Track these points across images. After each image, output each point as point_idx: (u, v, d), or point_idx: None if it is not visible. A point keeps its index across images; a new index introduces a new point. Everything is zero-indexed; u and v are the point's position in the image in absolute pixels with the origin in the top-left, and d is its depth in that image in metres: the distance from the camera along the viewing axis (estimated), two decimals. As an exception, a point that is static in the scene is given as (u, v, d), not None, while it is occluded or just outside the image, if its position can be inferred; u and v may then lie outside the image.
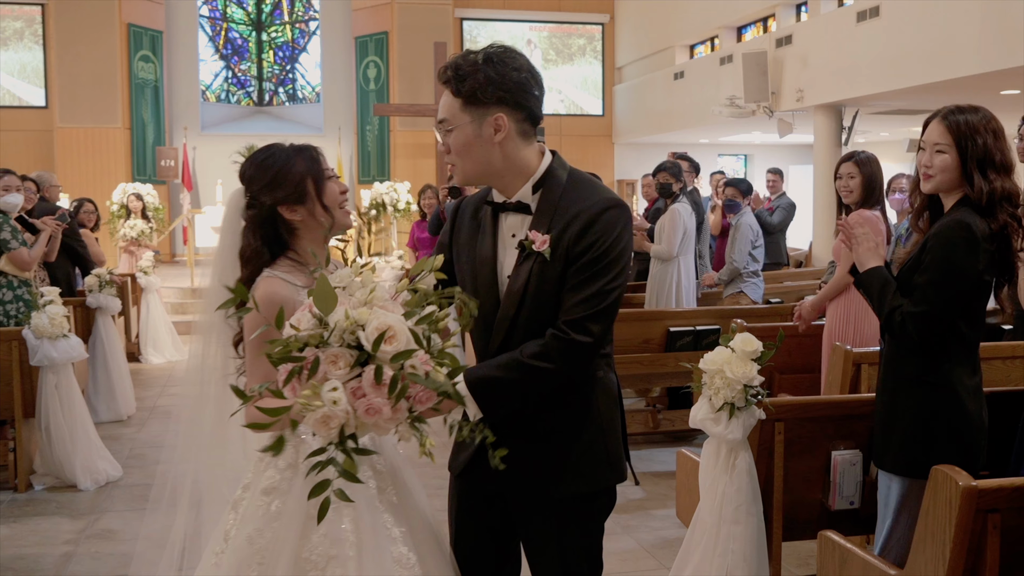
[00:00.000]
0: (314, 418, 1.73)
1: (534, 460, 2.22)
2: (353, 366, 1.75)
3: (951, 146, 2.80)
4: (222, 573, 2.12)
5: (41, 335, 5.32)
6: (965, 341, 2.84)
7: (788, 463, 3.25)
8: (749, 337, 3.15)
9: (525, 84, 2.21)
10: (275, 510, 2.09)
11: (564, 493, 2.24)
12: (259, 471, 2.15)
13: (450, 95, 2.22)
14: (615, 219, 2.19)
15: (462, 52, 2.26)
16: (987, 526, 2.29)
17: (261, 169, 2.32)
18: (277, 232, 2.30)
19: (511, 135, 2.21)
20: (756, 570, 3.13)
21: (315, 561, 2.05)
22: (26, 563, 4.36)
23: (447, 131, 2.24)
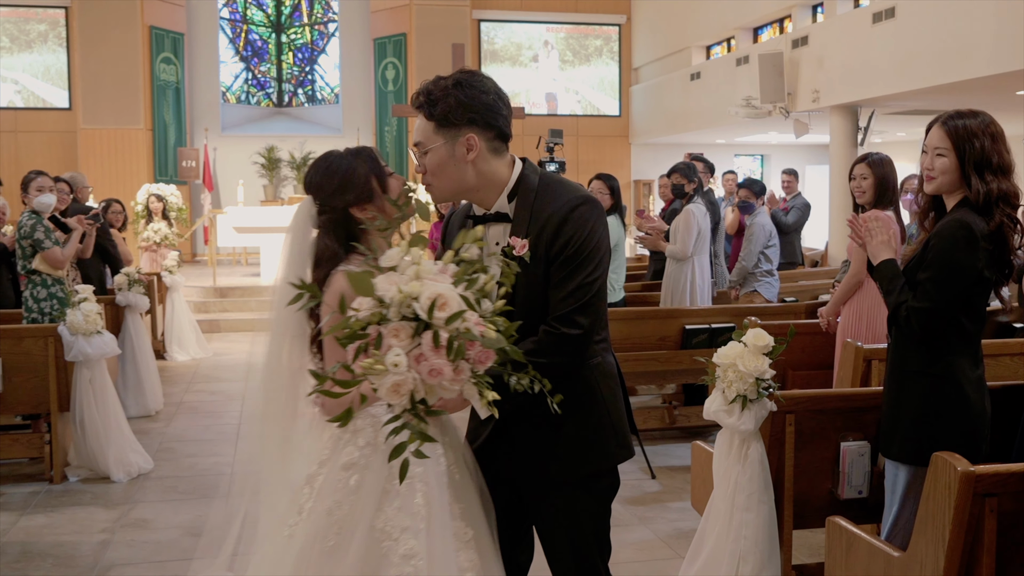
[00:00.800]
0: (385, 387, 1.89)
1: (544, 446, 2.36)
2: (413, 336, 1.90)
3: (950, 150, 2.94)
4: (297, 544, 2.24)
5: (76, 331, 5.50)
6: (967, 335, 2.97)
7: (799, 453, 3.38)
8: (761, 332, 3.28)
9: (493, 106, 2.36)
10: (354, 484, 2.23)
11: (576, 475, 2.39)
12: (338, 448, 2.28)
13: (423, 119, 2.38)
14: (586, 215, 2.33)
15: (433, 78, 2.40)
16: (984, 510, 2.42)
17: (328, 176, 2.46)
18: (350, 232, 2.44)
19: (482, 153, 2.36)
20: (767, 556, 3.27)
21: (389, 532, 2.19)
22: (65, 550, 4.54)
23: (423, 153, 2.39)
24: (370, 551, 2.19)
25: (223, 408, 7.67)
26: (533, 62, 21.18)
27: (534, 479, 2.41)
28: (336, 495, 2.23)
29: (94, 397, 5.60)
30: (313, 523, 2.23)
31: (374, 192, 2.45)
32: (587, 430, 2.39)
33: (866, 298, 4.93)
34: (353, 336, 1.92)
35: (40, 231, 6.03)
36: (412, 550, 2.19)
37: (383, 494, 2.22)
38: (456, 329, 1.91)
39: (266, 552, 2.38)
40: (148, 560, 4.41)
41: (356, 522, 2.19)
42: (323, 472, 2.28)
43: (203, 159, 19.51)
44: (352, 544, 2.19)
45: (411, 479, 2.20)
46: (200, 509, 5.13)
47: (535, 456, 2.37)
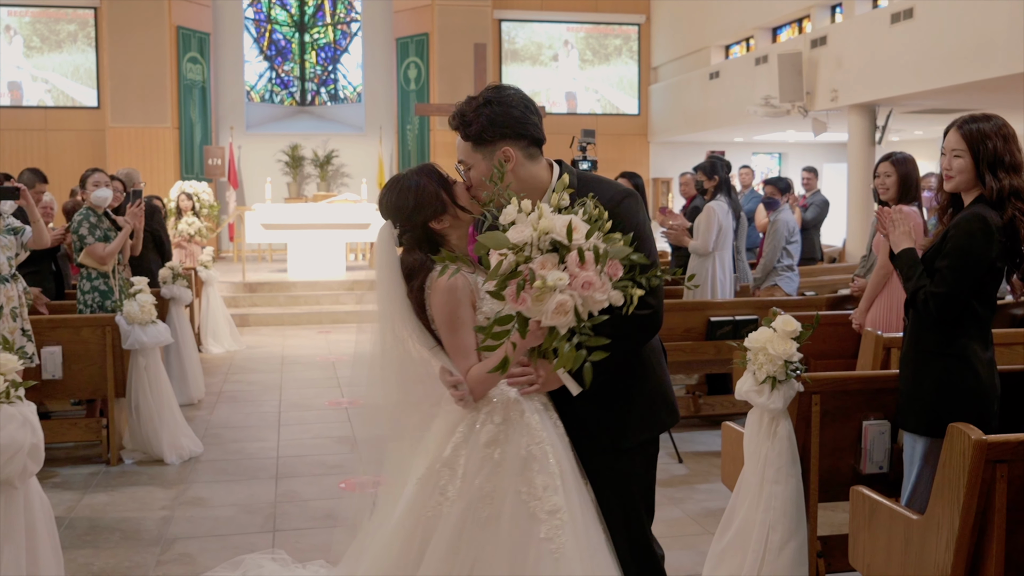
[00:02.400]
0: (550, 311, 2.16)
1: (604, 417, 2.63)
2: (558, 264, 2.19)
3: (966, 151, 3.22)
4: (451, 523, 2.47)
5: (132, 321, 5.80)
6: (979, 319, 3.24)
7: (824, 431, 3.63)
8: (789, 318, 3.54)
9: (522, 117, 2.60)
10: (498, 457, 2.48)
11: (629, 442, 2.66)
12: (474, 431, 2.52)
13: (461, 139, 2.63)
14: (632, 207, 2.59)
15: (465, 99, 2.64)
16: (996, 475, 2.67)
17: (402, 198, 2.64)
18: (432, 243, 2.65)
19: (520, 161, 2.60)
20: (795, 525, 3.52)
21: (534, 492, 2.46)
22: (130, 524, 4.83)
23: (466, 169, 2.64)
24: (519, 513, 2.44)
25: (261, 397, 7.96)
26: (553, 61, 21.42)
27: (591, 446, 2.66)
28: (484, 470, 2.47)
29: (148, 383, 5.90)
30: (465, 500, 2.47)
31: (445, 203, 2.64)
32: (642, 399, 2.65)
33: (895, 292, 5.13)
34: (508, 277, 2.18)
35: (85, 227, 6.30)
36: (555, 505, 2.46)
37: (523, 461, 2.47)
38: (594, 244, 2.20)
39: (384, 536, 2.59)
40: (208, 534, 4.69)
41: (505, 490, 2.45)
42: (463, 454, 2.50)
43: (228, 157, 19.83)
44: (504, 511, 2.44)
45: (541, 443, 2.49)
46: (252, 489, 5.41)
47: (593, 425, 2.63)
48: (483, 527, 2.46)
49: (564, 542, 2.43)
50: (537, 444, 2.50)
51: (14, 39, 19.65)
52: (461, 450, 2.52)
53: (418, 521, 2.53)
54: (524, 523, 2.44)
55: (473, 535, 2.45)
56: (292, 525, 4.82)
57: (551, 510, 2.45)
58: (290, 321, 12.80)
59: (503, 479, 2.47)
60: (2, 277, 5.16)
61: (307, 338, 11.48)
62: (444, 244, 2.65)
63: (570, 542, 2.44)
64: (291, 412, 7.37)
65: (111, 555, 4.41)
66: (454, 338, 2.52)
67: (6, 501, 3.03)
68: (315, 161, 21.03)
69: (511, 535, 2.44)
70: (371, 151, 20.91)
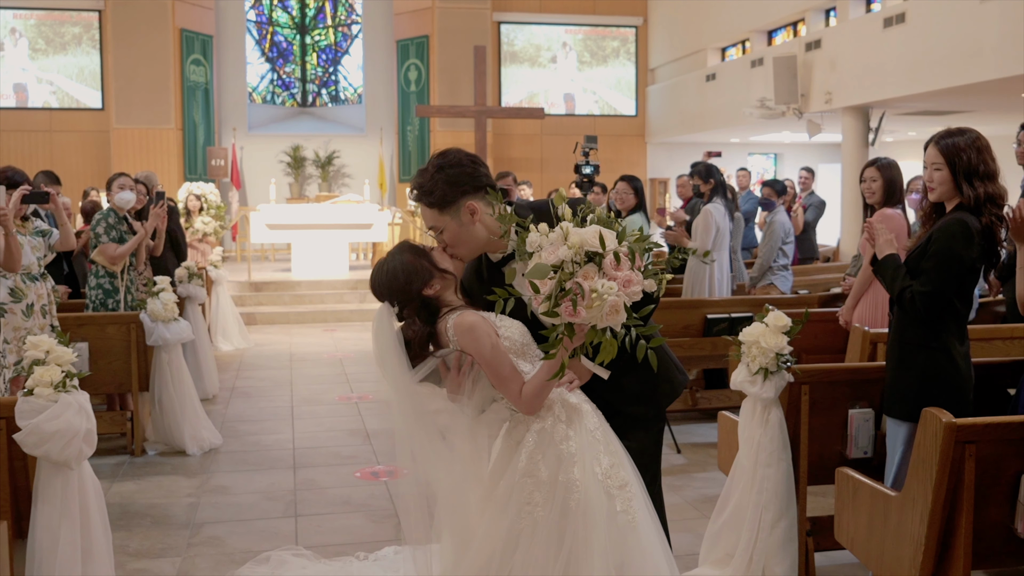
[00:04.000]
0: (605, 313, 2.42)
1: (632, 391, 2.92)
2: (598, 271, 2.46)
3: (944, 164, 3.54)
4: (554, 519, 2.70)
5: (156, 318, 6.07)
6: (958, 315, 3.54)
7: (812, 419, 3.91)
8: (780, 314, 3.82)
9: (472, 172, 2.85)
10: (574, 449, 2.73)
11: (660, 407, 3.02)
12: (544, 437, 2.76)
13: (427, 208, 2.88)
14: None
15: (417, 172, 2.90)
16: (965, 454, 2.95)
17: (392, 280, 2.86)
18: (430, 308, 2.88)
19: (481, 211, 2.86)
20: (786, 506, 3.81)
21: (606, 472, 2.73)
22: (159, 510, 5.11)
23: (439, 232, 2.90)
24: (600, 494, 2.71)
25: (273, 392, 8.24)
26: (552, 63, 21.71)
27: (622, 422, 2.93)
28: (563, 465, 2.72)
29: (171, 378, 6.17)
30: (558, 499, 2.71)
31: (430, 270, 2.87)
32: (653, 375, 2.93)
33: (881, 290, 5.41)
34: (556, 300, 2.45)
35: (102, 226, 6.59)
36: (624, 480, 2.75)
37: (592, 446, 2.75)
38: (626, 244, 2.49)
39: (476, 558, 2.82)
40: (234, 519, 4.97)
41: (588, 478, 2.71)
42: (539, 459, 2.75)
43: (231, 158, 20.10)
44: (590, 495, 2.69)
45: (599, 427, 2.79)
46: (272, 478, 5.69)
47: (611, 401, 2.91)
48: (575, 515, 2.70)
49: (636, 511, 2.73)
50: (598, 428, 2.80)
51: (19, 41, 19.90)
52: (536, 455, 2.76)
53: (514, 536, 2.75)
54: (604, 500, 2.72)
55: (570, 525, 2.70)
56: (312, 511, 5.10)
57: (621, 484, 2.74)
58: (296, 320, 13.07)
59: (582, 467, 2.73)
60: (32, 276, 5.42)
61: (313, 336, 11.75)
62: (440, 305, 2.88)
63: (641, 510, 2.75)
64: (303, 407, 7.64)
65: (144, 538, 4.68)
66: (496, 368, 2.76)
67: (63, 482, 3.31)
68: (316, 162, 21.30)
69: (598, 512, 2.70)
70: (372, 152, 21.18)
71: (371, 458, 6.09)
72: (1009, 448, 3.01)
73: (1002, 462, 3.02)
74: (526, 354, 2.83)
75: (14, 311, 5.22)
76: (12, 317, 5.19)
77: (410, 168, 20.88)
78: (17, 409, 3.27)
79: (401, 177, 20.99)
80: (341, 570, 4.03)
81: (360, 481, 5.61)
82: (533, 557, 2.71)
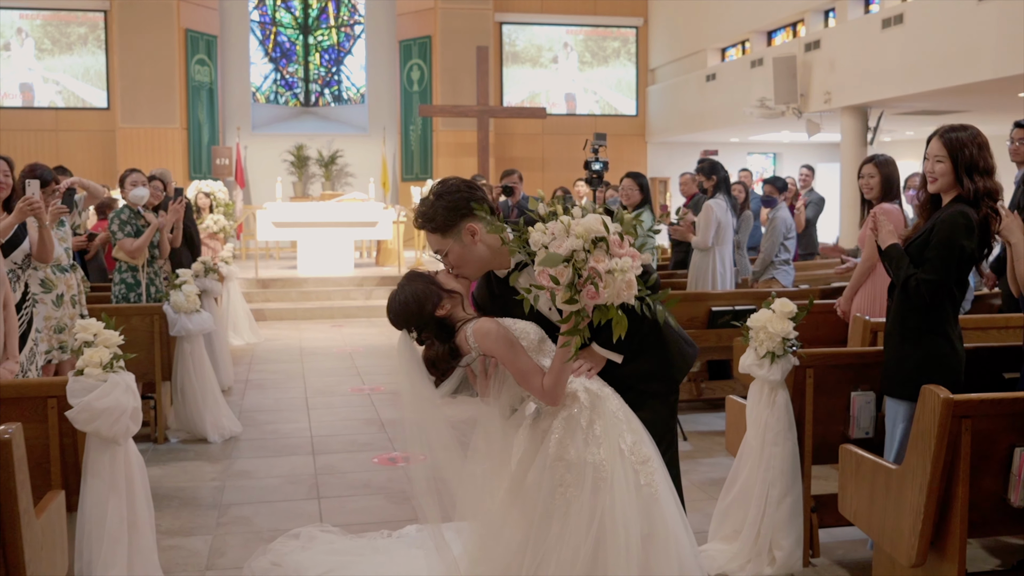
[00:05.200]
0: (621, 288, 2.64)
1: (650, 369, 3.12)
2: (606, 253, 2.68)
3: (946, 157, 3.74)
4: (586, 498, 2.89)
5: (179, 310, 6.27)
6: (955, 302, 3.76)
7: (816, 401, 4.11)
8: (786, 301, 4.03)
9: (469, 197, 3.08)
10: (599, 432, 2.94)
11: (676, 380, 3.25)
12: (571, 422, 2.97)
13: (431, 233, 3.11)
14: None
15: (420, 200, 3.14)
16: (961, 428, 3.16)
17: (405, 310, 3.09)
18: (445, 328, 3.10)
19: (481, 232, 3.09)
20: (791, 483, 4.01)
21: (630, 448, 2.94)
22: (187, 492, 5.30)
23: (444, 256, 3.13)
24: (628, 469, 2.92)
25: (287, 384, 8.43)
26: (553, 63, 21.91)
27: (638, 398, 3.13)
28: (590, 447, 2.92)
29: (193, 368, 6.37)
30: (588, 479, 2.91)
31: (439, 293, 3.10)
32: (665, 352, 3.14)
33: (878, 283, 5.62)
34: (575, 288, 2.67)
35: (116, 223, 6.78)
36: (646, 455, 2.97)
37: (616, 426, 2.96)
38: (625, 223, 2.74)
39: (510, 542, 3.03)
40: (259, 501, 5.17)
41: (613, 457, 2.91)
42: (568, 443, 2.95)
43: (235, 157, 20.28)
44: (616, 472, 2.90)
45: (620, 408, 3.00)
46: (293, 463, 5.89)
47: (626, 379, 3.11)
48: (604, 491, 2.90)
49: (658, 484, 2.95)
50: (620, 409, 3.01)
51: (25, 42, 20.09)
52: (565, 440, 2.96)
53: (548, 515, 2.95)
54: (631, 476, 2.92)
55: (600, 501, 2.90)
56: (334, 493, 5.30)
57: (643, 460, 2.95)
58: (303, 316, 13.26)
59: (608, 446, 2.94)
60: (62, 268, 5.60)
61: (321, 331, 11.94)
62: (453, 322, 3.09)
63: (662, 484, 2.96)
64: (317, 398, 7.84)
65: (175, 517, 4.88)
66: (517, 365, 2.97)
67: (111, 457, 3.50)
68: (320, 161, 21.48)
69: (625, 488, 2.91)
70: (375, 151, 21.37)
71: (387, 445, 6.29)
72: (1002, 423, 3.22)
73: (996, 436, 3.22)
74: (543, 350, 3.07)
75: (45, 301, 5.40)
76: (43, 307, 5.38)
77: (413, 167, 21.07)
78: (69, 388, 3.47)
79: (404, 176, 21.18)
80: (367, 546, 4.22)
81: (378, 466, 5.81)
82: (567, 533, 2.92)
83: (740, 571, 4.02)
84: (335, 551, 4.12)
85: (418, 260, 15.68)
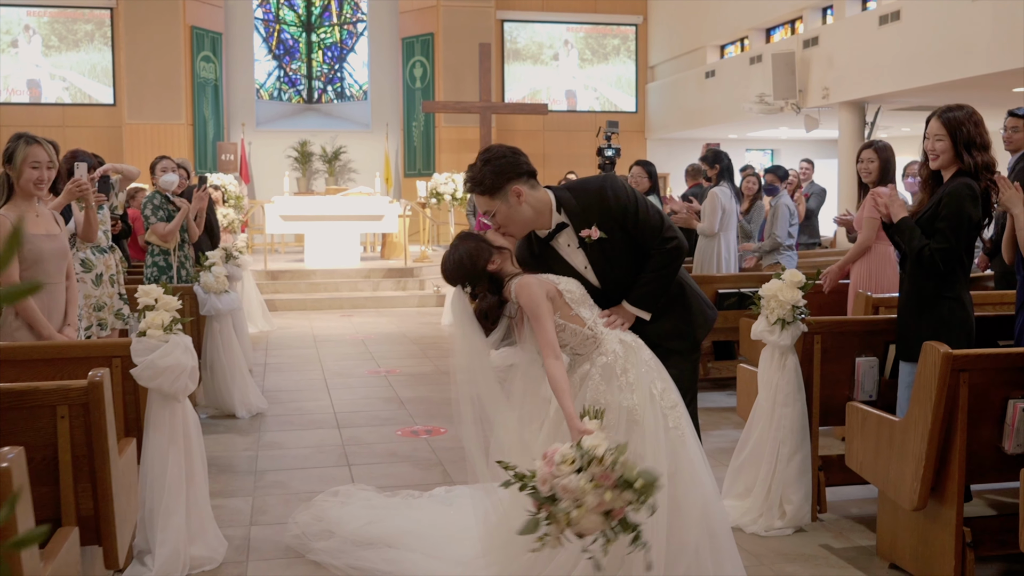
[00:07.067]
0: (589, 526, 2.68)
1: (675, 327, 3.40)
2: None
3: (946, 135, 4.02)
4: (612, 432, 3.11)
5: (208, 290, 6.54)
6: (964, 267, 4.07)
7: (824, 366, 4.39)
8: (795, 271, 4.32)
9: (513, 160, 3.36)
10: (632, 379, 3.20)
11: (698, 338, 3.52)
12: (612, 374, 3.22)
13: (479, 195, 3.38)
14: (617, 186, 3.41)
15: (469, 165, 3.40)
16: (960, 381, 3.44)
17: (460, 265, 3.36)
18: (496, 282, 3.37)
19: (527, 192, 3.36)
20: (800, 442, 4.30)
21: (660, 393, 3.21)
22: (222, 461, 5.57)
23: (492, 216, 3.39)
24: (657, 413, 3.18)
25: (305, 367, 8.70)
26: (554, 60, 22.19)
27: (664, 353, 3.40)
28: (624, 393, 3.18)
29: (222, 346, 6.63)
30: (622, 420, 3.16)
31: (489, 249, 3.38)
32: (695, 303, 3.43)
33: (874, 260, 5.92)
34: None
35: (149, 208, 7.05)
36: (674, 401, 3.24)
37: (647, 372, 3.24)
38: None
39: None
40: (293, 467, 5.44)
41: (646, 402, 3.18)
42: (603, 389, 3.20)
43: (240, 153, 20.51)
44: (647, 416, 3.16)
45: (647, 361, 3.26)
46: (320, 436, 6.15)
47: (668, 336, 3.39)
48: (636, 433, 3.16)
49: (684, 427, 3.23)
50: (652, 359, 3.30)
51: (33, 38, 20.31)
52: (601, 386, 3.23)
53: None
54: (661, 420, 3.19)
55: (632, 441, 3.13)
56: (363, 461, 5.57)
57: (672, 405, 3.23)
58: (312, 306, 13.52)
59: (641, 392, 3.20)
60: (101, 249, 5.86)
61: (332, 320, 12.20)
62: (503, 276, 3.36)
63: (687, 427, 3.25)
64: (336, 379, 8.11)
65: (215, 481, 5.12)
66: (540, 323, 3.22)
67: (171, 412, 3.77)
68: (323, 157, 21.73)
69: (655, 430, 3.18)
70: (378, 147, 21.61)
71: (409, 420, 6.56)
72: (998, 376, 3.50)
73: (992, 389, 3.50)
74: (584, 303, 3.35)
75: (85, 280, 5.66)
76: (83, 286, 5.63)
77: (415, 163, 21.33)
78: (133, 348, 3.74)
79: (406, 172, 21.45)
80: (401, 503, 4.49)
81: (402, 438, 6.08)
82: None
83: (752, 524, 4.30)
84: (372, 506, 4.41)
85: (423, 253, 15.96)
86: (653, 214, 3.39)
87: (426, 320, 12.03)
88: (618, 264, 3.39)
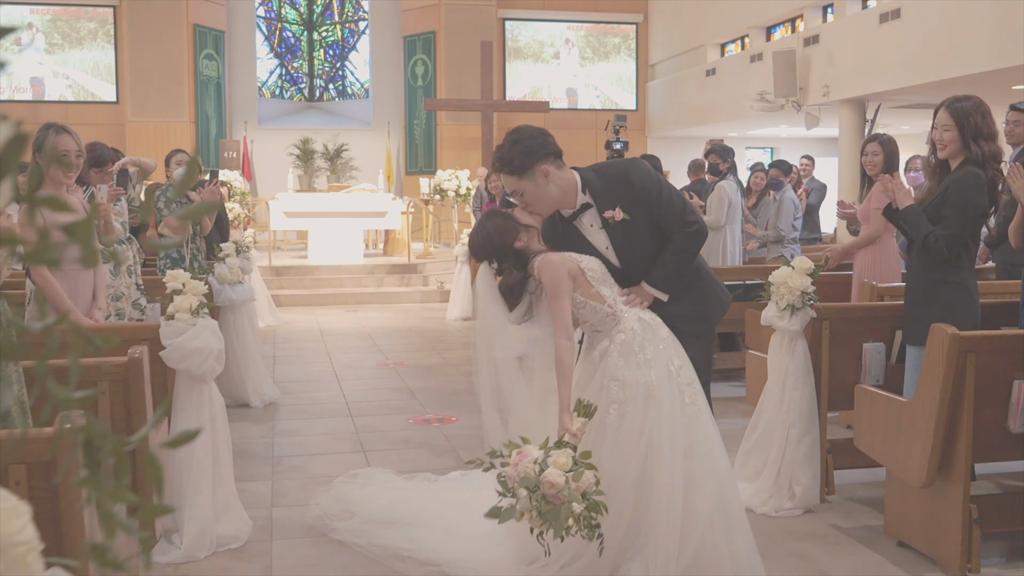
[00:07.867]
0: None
1: (690, 311, 3.51)
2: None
3: (953, 126, 4.13)
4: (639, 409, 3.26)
5: (223, 281, 6.64)
6: (970, 253, 4.18)
7: (832, 351, 4.50)
8: (804, 259, 4.43)
9: (541, 141, 3.49)
10: (650, 356, 3.30)
11: (713, 323, 3.67)
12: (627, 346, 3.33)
13: (507, 176, 3.48)
14: (642, 170, 3.53)
15: (497, 146, 3.51)
16: (966, 362, 3.55)
17: (487, 244, 3.48)
18: (521, 258, 3.46)
19: (553, 172, 3.48)
20: (809, 425, 4.40)
21: (678, 370, 3.33)
22: (240, 447, 5.64)
23: (520, 195, 3.50)
24: (675, 389, 3.29)
25: (314, 360, 8.80)
26: (555, 59, 22.29)
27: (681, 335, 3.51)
28: (641, 369, 3.29)
29: (236, 336, 6.73)
30: (640, 396, 3.27)
31: (516, 227, 3.48)
32: (710, 289, 3.54)
33: (879, 250, 6.02)
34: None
35: (162, 200, 7.15)
36: (690, 378, 3.36)
37: (664, 349, 3.35)
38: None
39: None
40: (309, 453, 5.54)
41: (663, 378, 3.29)
42: (621, 365, 3.31)
43: (243, 150, 20.61)
44: (664, 391, 3.27)
45: (665, 339, 3.36)
46: (333, 424, 6.26)
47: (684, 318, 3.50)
48: (654, 408, 3.27)
49: (700, 404, 3.35)
50: (669, 336, 3.41)
51: (36, 36, 20.38)
52: (620, 362, 3.34)
53: (603, 428, 3.30)
54: (677, 395, 3.30)
55: (650, 416, 3.26)
56: (378, 448, 5.67)
57: (688, 382, 3.35)
58: (317, 302, 13.62)
59: (659, 368, 3.31)
60: (120, 240, 5.97)
61: (337, 315, 12.30)
62: (529, 253, 3.45)
63: (702, 404, 3.37)
64: (346, 371, 8.21)
65: (234, 467, 5.23)
66: (556, 302, 3.32)
67: (198, 394, 3.87)
68: (325, 155, 21.81)
69: (672, 406, 3.28)
70: (379, 145, 21.70)
71: (420, 409, 6.66)
72: (1003, 358, 3.61)
73: (997, 370, 3.61)
74: (605, 281, 3.47)
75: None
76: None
77: (417, 161, 21.42)
78: (161, 331, 3.85)
79: (408, 169, 21.54)
80: (420, 484, 4.60)
81: (414, 426, 6.19)
82: (620, 444, 3.30)
83: (762, 505, 4.41)
84: (392, 487, 4.51)
85: (426, 250, 16.05)
86: (676, 198, 3.50)
87: (431, 315, 12.13)
88: (639, 245, 3.49)
